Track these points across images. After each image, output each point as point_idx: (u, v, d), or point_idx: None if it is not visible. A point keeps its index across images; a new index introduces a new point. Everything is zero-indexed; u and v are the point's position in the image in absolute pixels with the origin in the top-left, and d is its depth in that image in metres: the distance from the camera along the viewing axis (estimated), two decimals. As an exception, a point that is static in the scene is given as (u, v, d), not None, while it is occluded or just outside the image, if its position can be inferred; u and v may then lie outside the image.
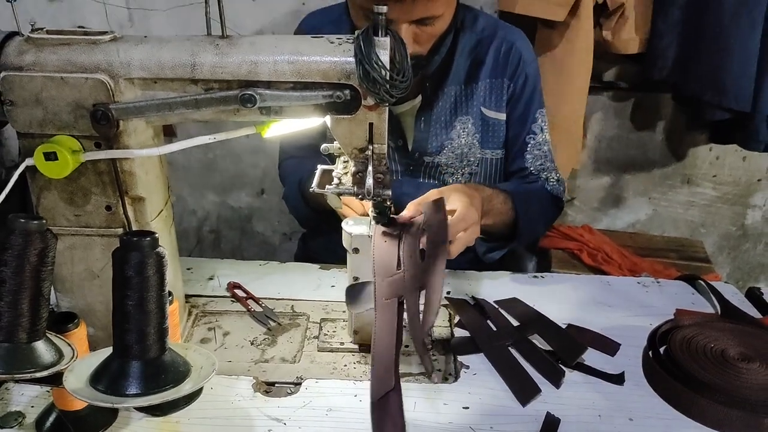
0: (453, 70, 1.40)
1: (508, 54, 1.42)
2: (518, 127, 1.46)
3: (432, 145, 1.43)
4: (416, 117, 1.41)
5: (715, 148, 2.37)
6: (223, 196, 2.56)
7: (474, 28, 1.42)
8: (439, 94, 1.41)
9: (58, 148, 0.88)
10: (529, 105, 1.45)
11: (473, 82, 1.42)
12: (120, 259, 0.74)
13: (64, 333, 0.87)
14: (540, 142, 1.47)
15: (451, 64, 1.40)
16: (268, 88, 0.91)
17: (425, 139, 1.43)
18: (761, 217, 2.52)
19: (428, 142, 1.43)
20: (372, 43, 0.89)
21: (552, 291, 1.33)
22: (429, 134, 1.42)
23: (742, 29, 1.86)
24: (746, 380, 1.00)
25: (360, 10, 1.26)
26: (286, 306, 1.25)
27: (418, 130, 1.42)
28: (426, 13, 1.22)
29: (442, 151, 1.43)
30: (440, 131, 1.42)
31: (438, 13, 1.24)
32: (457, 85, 1.42)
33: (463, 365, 1.09)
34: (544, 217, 1.49)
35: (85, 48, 0.90)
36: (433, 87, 1.40)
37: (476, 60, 1.42)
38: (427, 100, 1.41)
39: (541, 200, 1.45)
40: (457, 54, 1.40)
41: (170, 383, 0.77)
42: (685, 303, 1.29)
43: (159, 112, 0.91)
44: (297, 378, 1.06)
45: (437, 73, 1.39)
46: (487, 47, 1.42)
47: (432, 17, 1.24)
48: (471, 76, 1.42)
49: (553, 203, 1.49)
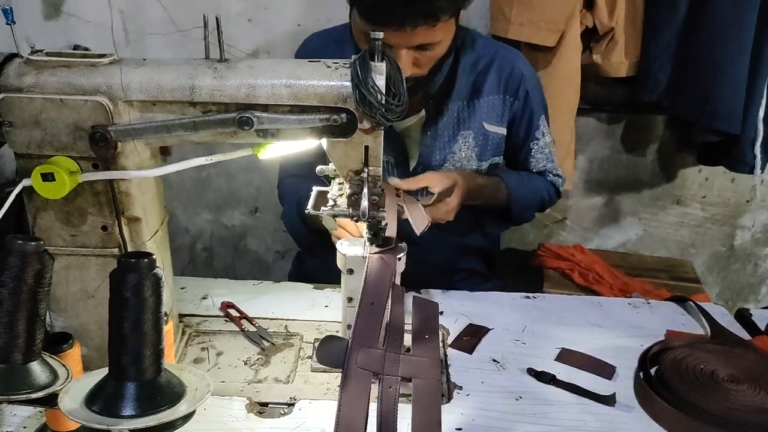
0: (456, 88, 1.45)
1: (509, 73, 1.47)
2: (524, 138, 1.54)
3: (435, 159, 1.47)
4: (422, 131, 1.46)
5: (704, 170, 2.40)
6: (217, 214, 2.56)
7: (474, 48, 1.47)
8: (443, 109, 1.45)
9: (56, 169, 0.89)
10: (532, 117, 1.52)
11: (476, 98, 1.46)
12: (117, 280, 0.75)
13: (59, 354, 0.88)
14: (542, 145, 1.55)
15: (454, 82, 1.44)
16: (266, 111, 0.93)
17: (430, 153, 1.47)
18: (750, 238, 2.55)
19: (432, 156, 1.47)
20: (368, 68, 0.91)
21: (544, 312, 1.34)
22: (434, 148, 1.47)
23: (732, 53, 1.90)
24: (735, 402, 1.01)
25: (362, 34, 1.29)
26: (280, 326, 1.26)
27: (424, 144, 1.46)
28: (426, 40, 1.25)
29: (443, 164, 1.48)
30: (444, 145, 1.47)
31: (437, 39, 1.27)
32: (460, 101, 1.46)
33: (456, 386, 1.10)
34: (538, 201, 1.58)
35: (84, 70, 0.91)
36: (437, 103, 1.45)
37: (478, 78, 1.46)
38: (431, 116, 1.45)
39: (535, 186, 1.56)
40: (459, 72, 1.45)
41: (166, 405, 0.77)
42: (675, 324, 1.31)
43: (157, 134, 0.92)
44: (290, 399, 1.06)
45: (441, 91, 1.43)
46: (488, 66, 1.47)
47: (431, 43, 1.27)
48: (474, 93, 1.46)
49: (551, 191, 1.60)
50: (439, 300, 1.36)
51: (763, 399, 1.02)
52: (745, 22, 1.87)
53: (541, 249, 2.27)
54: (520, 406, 1.06)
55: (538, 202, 1.57)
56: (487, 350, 1.21)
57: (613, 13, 1.97)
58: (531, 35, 1.91)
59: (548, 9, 1.87)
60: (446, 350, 1.20)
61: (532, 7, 1.88)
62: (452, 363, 1.16)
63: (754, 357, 1.13)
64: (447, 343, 1.22)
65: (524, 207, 1.53)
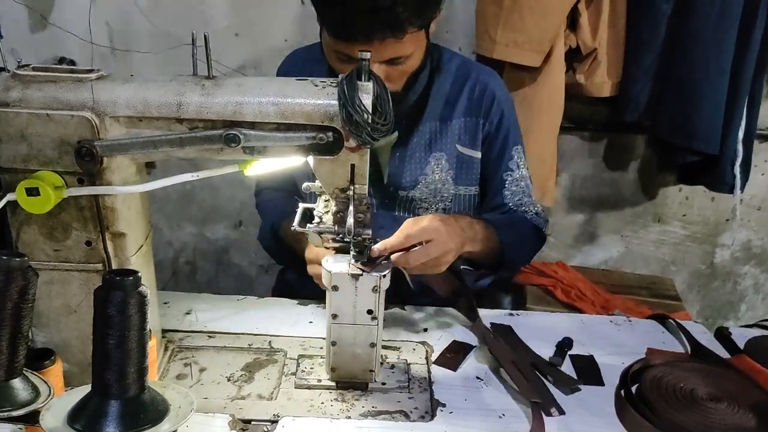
0: (428, 108, 1.44)
1: (482, 94, 1.46)
2: (495, 165, 1.49)
3: (406, 180, 1.45)
4: (392, 152, 1.44)
5: (685, 189, 2.44)
6: (200, 227, 2.55)
7: (448, 67, 1.46)
8: (414, 130, 1.44)
9: (41, 183, 0.89)
10: (505, 143, 1.49)
11: (448, 119, 1.45)
12: (102, 297, 0.75)
13: (41, 370, 0.87)
14: (517, 178, 1.50)
15: (427, 101, 1.43)
16: (253, 128, 0.93)
17: (400, 174, 1.45)
18: (730, 256, 2.59)
19: (402, 176, 1.45)
20: (355, 87, 0.92)
21: (527, 329, 1.34)
22: (404, 169, 1.45)
23: (711, 75, 1.94)
24: (714, 420, 1.02)
25: (332, 52, 1.29)
26: (264, 342, 1.25)
27: (393, 165, 1.44)
28: (396, 53, 1.25)
29: (416, 186, 1.46)
30: (415, 167, 1.45)
31: (407, 52, 1.27)
32: (433, 122, 1.45)
33: (440, 403, 1.10)
34: (528, 244, 1.51)
35: (71, 85, 0.91)
36: (408, 123, 1.43)
37: (451, 98, 1.45)
38: (402, 136, 1.43)
39: (522, 228, 1.47)
40: (432, 92, 1.44)
41: (149, 423, 0.77)
42: (656, 342, 1.32)
43: (143, 149, 0.92)
44: (274, 416, 1.05)
45: (412, 110, 1.42)
46: (461, 86, 1.46)
47: (402, 57, 1.27)
48: (446, 114, 1.45)
49: (535, 232, 1.51)
50: (423, 317, 1.37)
51: (741, 417, 1.04)
52: (725, 44, 1.92)
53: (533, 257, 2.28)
54: (503, 423, 1.06)
55: (528, 244, 1.49)
56: (471, 367, 1.21)
57: (596, 34, 2.00)
58: (516, 55, 1.94)
59: (533, 30, 1.90)
60: (430, 367, 1.20)
61: (517, 28, 1.91)
62: (436, 380, 1.16)
63: (733, 376, 1.14)
64: (431, 360, 1.22)
65: (518, 249, 1.42)
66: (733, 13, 1.89)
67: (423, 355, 1.25)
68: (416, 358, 1.23)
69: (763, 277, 2.63)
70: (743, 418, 1.04)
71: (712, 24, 1.89)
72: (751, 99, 2.03)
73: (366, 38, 1.19)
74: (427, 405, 1.11)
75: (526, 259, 1.52)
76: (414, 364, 1.21)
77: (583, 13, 1.98)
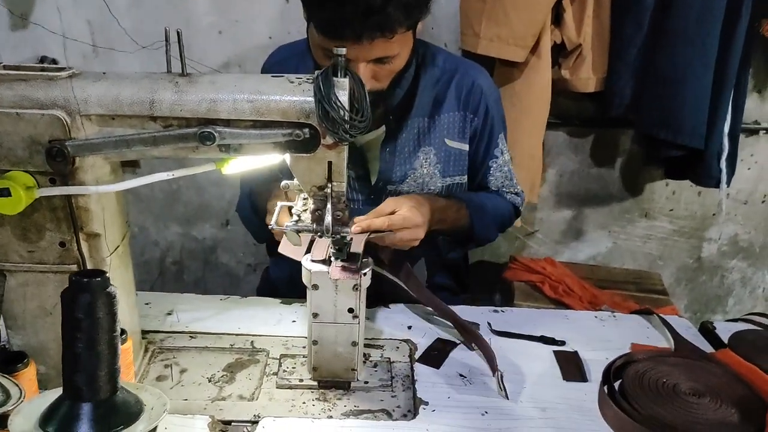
0: (416, 103, 1.44)
1: (470, 89, 1.47)
2: (483, 155, 1.53)
3: (396, 175, 1.46)
4: (382, 147, 1.44)
5: (672, 184, 2.44)
6: (187, 227, 2.53)
7: (435, 63, 1.47)
8: (403, 125, 1.44)
9: (12, 184, 0.87)
10: (491, 134, 1.51)
11: (436, 114, 1.46)
12: (69, 300, 0.73)
13: (13, 373, 0.85)
14: (501, 164, 1.54)
15: (415, 97, 1.44)
16: (228, 126, 0.92)
17: (390, 169, 1.45)
18: (717, 251, 2.59)
19: (393, 171, 1.45)
20: (331, 84, 0.91)
21: (513, 325, 1.34)
22: (394, 164, 1.45)
23: (696, 70, 1.94)
24: (696, 415, 1.02)
25: (319, 49, 1.29)
26: (246, 342, 1.24)
27: (384, 160, 1.45)
28: (383, 53, 1.25)
29: (405, 180, 1.46)
30: (404, 161, 1.45)
31: (394, 52, 1.27)
32: (421, 118, 1.45)
33: (422, 401, 1.09)
34: (500, 223, 1.58)
35: (42, 84, 0.90)
36: (396, 119, 1.43)
37: (438, 94, 1.46)
38: (391, 132, 1.44)
39: (496, 207, 1.54)
40: (420, 88, 1.44)
41: (121, 425, 0.75)
42: (640, 337, 1.32)
43: (116, 149, 0.91)
44: (254, 416, 1.04)
45: (401, 106, 1.42)
46: (449, 82, 1.46)
47: (390, 56, 1.27)
48: (434, 109, 1.46)
49: (512, 211, 1.60)
50: (406, 315, 1.36)
51: (724, 412, 1.03)
52: (709, 38, 1.91)
53: (512, 262, 2.28)
54: (485, 421, 1.06)
55: (499, 222, 1.56)
56: (454, 365, 1.20)
57: (580, 30, 2.00)
58: (500, 51, 1.93)
59: (516, 25, 1.89)
60: (413, 365, 1.19)
61: (501, 23, 1.90)
62: (419, 378, 1.16)
63: (716, 370, 1.14)
64: (414, 358, 1.21)
65: (487, 228, 1.51)
66: (716, 6, 1.88)
67: (407, 353, 1.24)
68: (399, 356, 1.22)
69: (750, 270, 2.64)
70: (726, 412, 1.03)
71: (695, 18, 1.89)
72: (737, 93, 2.03)
73: (356, 38, 1.19)
74: (409, 403, 1.10)
75: (495, 236, 1.59)
76: (397, 362, 1.21)
77: (567, 8, 1.97)
